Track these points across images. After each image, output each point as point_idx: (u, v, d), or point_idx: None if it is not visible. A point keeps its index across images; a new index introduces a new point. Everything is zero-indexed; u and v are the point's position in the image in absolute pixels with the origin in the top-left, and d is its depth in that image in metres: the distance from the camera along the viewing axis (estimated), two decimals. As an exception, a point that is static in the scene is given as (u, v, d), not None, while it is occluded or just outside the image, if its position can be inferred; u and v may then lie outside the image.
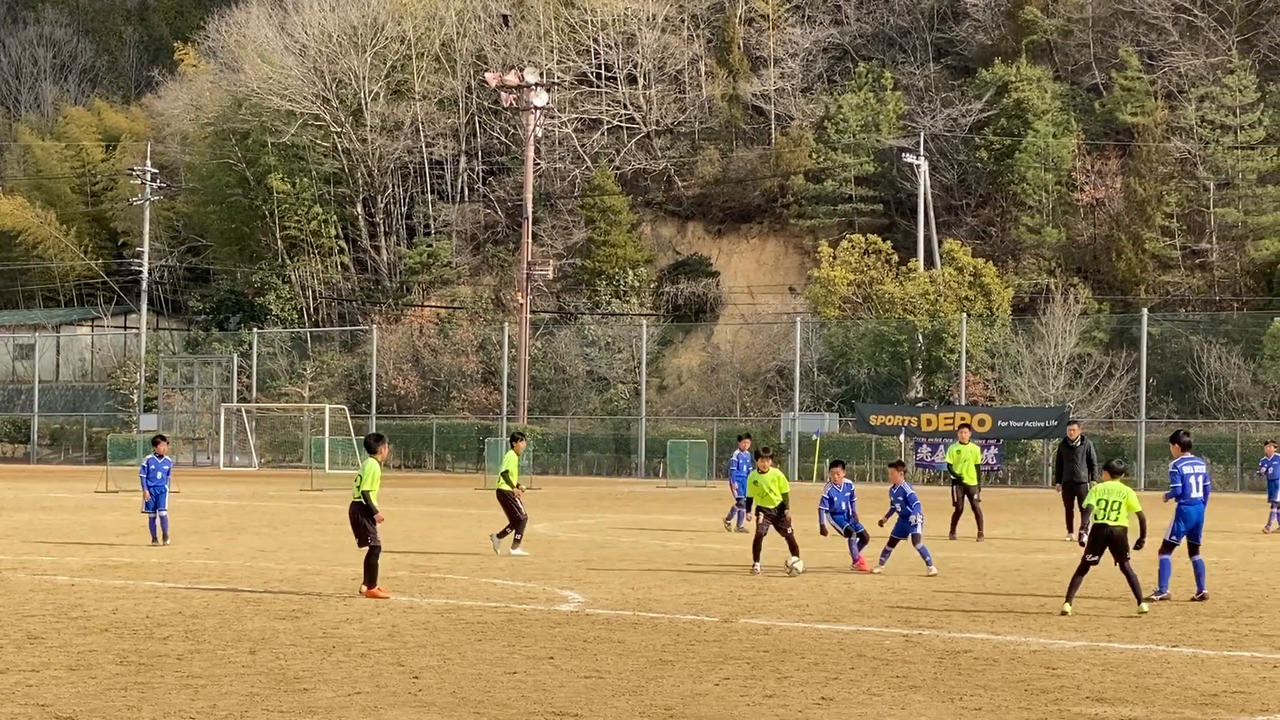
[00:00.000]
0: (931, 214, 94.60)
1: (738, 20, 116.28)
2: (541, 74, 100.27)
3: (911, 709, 13.94)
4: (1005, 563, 29.48)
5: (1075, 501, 35.43)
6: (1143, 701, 14.35)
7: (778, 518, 26.97)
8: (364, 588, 22.41)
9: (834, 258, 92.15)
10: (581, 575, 25.99)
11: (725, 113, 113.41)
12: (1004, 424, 76.46)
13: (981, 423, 76.10)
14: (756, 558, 27.02)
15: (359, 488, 22.53)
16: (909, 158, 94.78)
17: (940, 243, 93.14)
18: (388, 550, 24.71)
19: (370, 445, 23.03)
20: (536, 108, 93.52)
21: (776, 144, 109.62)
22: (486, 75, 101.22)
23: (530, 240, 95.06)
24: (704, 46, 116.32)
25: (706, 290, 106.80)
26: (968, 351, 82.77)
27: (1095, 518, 21.28)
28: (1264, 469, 41.79)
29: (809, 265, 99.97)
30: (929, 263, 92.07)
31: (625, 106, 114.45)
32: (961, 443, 37.87)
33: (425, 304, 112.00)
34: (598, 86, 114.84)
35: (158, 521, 32.71)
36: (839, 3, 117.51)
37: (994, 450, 76.61)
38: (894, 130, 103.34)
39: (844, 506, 28.53)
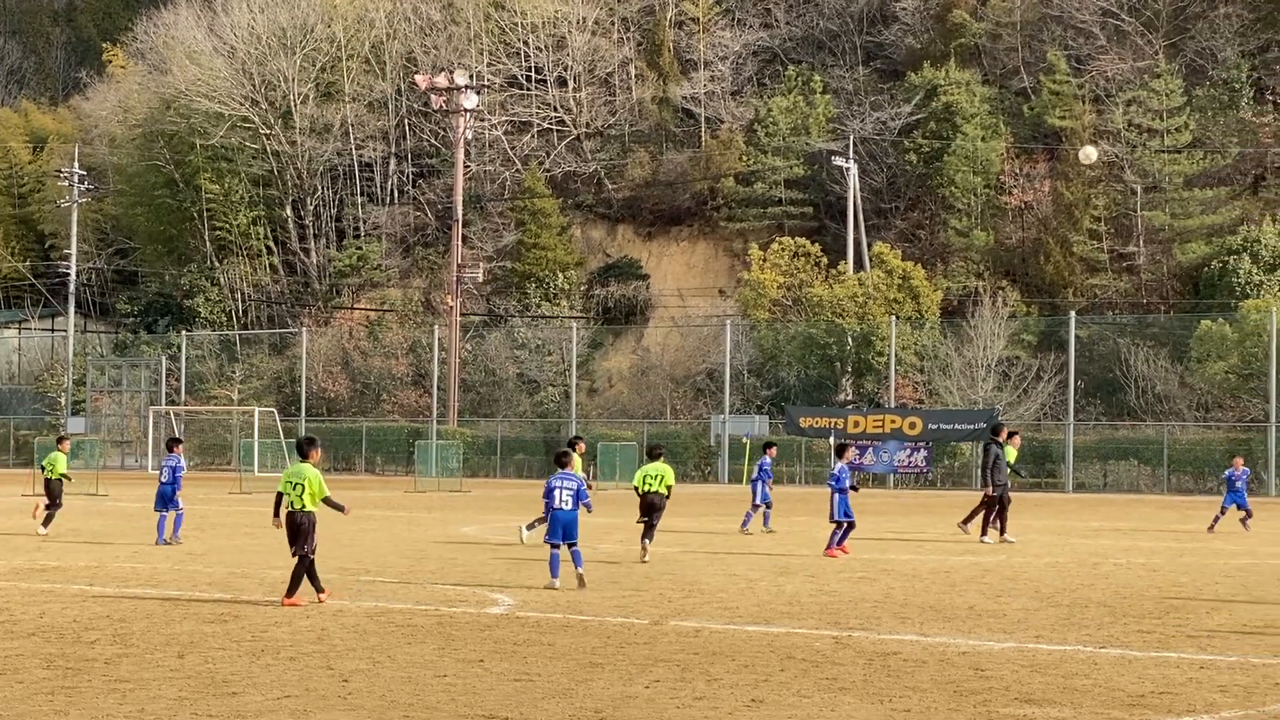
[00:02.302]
0: (861, 217, 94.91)
1: (668, 23, 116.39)
2: (471, 76, 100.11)
3: (841, 711, 13.96)
4: (934, 564, 29.60)
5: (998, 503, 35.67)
6: (1070, 703, 14.42)
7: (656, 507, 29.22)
8: (284, 598, 21.91)
9: (764, 260, 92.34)
10: (511, 578, 25.94)
11: (655, 115, 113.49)
12: (934, 426, 76.79)
13: (913, 425, 76.41)
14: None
15: (299, 493, 21.96)
16: (838, 161, 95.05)
17: (869, 245, 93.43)
18: (318, 554, 24.57)
19: (303, 449, 22.60)
20: (466, 110, 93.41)
21: (706, 147, 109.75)
22: (416, 78, 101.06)
23: (460, 243, 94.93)
24: (634, 49, 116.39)
25: (637, 293, 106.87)
26: (897, 354, 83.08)
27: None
28: (1232, 480, 41.77)
29: (739, 268, 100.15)
30: (858, 265, 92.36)
31: (555, 109, 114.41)
32: (1014, 447, 39.69)
33: (355, 307, 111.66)
34: (528, 89, 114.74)
35: (169, 521, 33.52)
36: (769, 6, 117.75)
37: (923, 453, 76.91)
38: (823, 133, 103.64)
39: (847, 486, 31.55)
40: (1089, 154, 57.33)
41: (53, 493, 36.90)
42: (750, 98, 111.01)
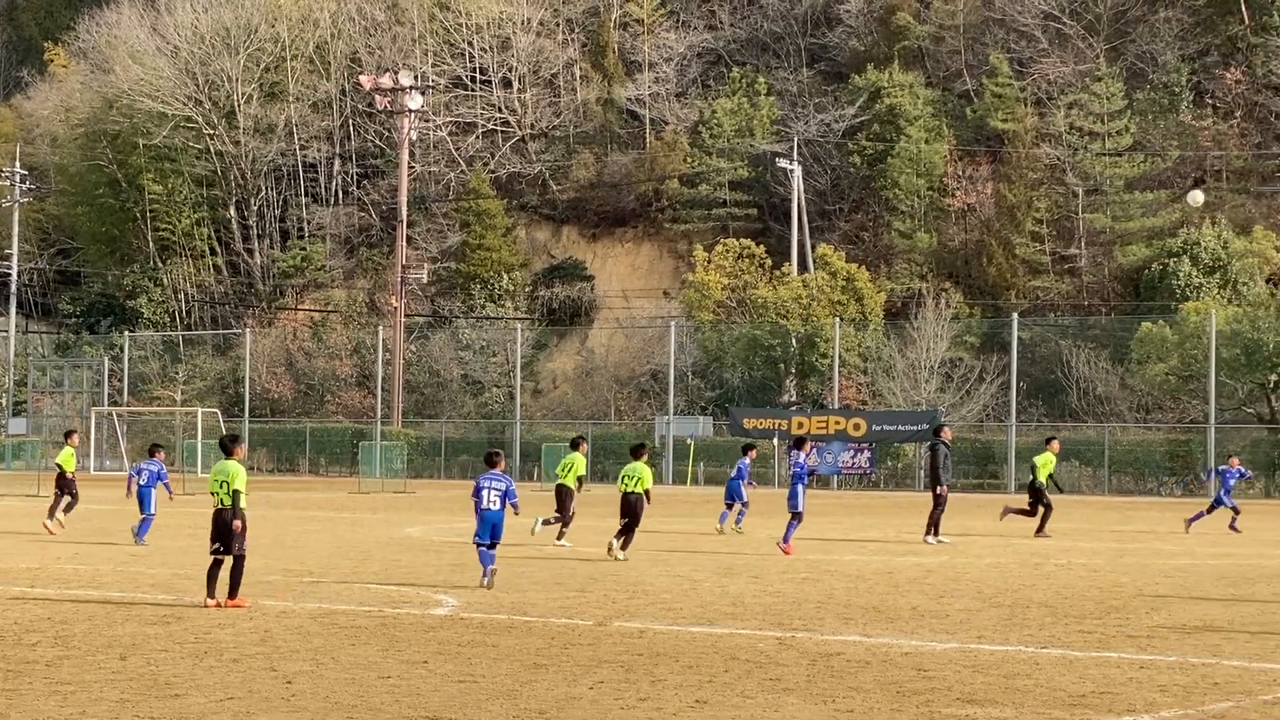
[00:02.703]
0: (805, 219, 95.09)
1: (612, 25, 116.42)
2: (416, 77, 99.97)
3: (785, 711, 14.01)
4: (878, 565, 29.70)
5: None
6: (1012, 703, 14.49)
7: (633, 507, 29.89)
8: (226, 599, 21.67)
9: (708, 262, 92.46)
10: (456, 579, 25.92)
11: (600, 117, 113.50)
12: (877, 428, 76.99)
13: (856, 426, 76.59)
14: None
15: (226, 491, 21.59)
16: (783, 162, 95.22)
17: (813, 247, 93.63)
18: (261, 556, 24.55)
19: (227, 447, 22.32)
20: (411, 111, 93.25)
21: (651, 148, 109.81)
22: (361, 78, 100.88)
23: (404, 244, 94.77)
24: (579, 51, 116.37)
25: (581, 294, 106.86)
26: (840, 355, 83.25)
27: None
28: (1226, 476, 42.03)
29: (683, 269, 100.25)
30: (802, 267, 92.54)
31: (500, 110, 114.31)
32: (1052, 452, 40.68)
33: (299, 307, 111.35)
34: (472, 90, 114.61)
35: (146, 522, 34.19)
36: (713, 8, 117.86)
37: (866, 454, 77.11)
38: (768, 135, 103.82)
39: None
40: (1197, 198, 57.05)
41: (65, 486, 37.83)
42: (695, 99, 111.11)
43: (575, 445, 34.50)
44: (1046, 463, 39.72)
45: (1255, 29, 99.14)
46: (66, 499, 37.51)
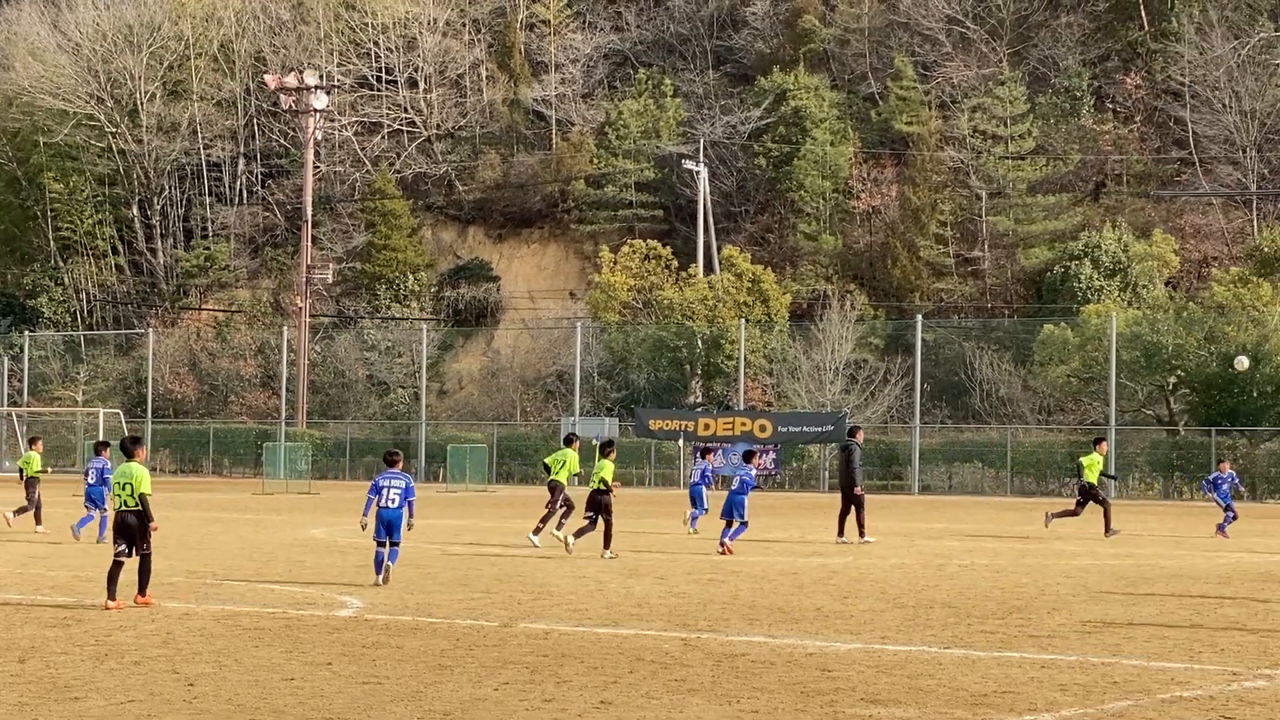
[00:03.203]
0: (711, 220, 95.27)
1: (519, 25, 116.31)
2: (321, 76, 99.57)
3: (689, 712, 14.05)
4: (783, 566, 29.80)
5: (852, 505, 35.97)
6: (915, 703, 14.58)
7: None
8: (136, 596, 21.83)
9: (614, 263, 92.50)
10: (360, 580, 25.84)
11: (506, 117, 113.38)
12: (783, 429, 77.20)
13: (762, 428, 76.76)
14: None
15: (130, 493, 21.65)
16: (689, 164, 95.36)
17: (719, 249, 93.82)
18: (165, 557, 24.41)
19: (128, 449, 22.39)
20: (316, 110, 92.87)
21: (557, 149, 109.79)
22: (266, 77, 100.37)
23: (309, 244, 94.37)
24: (485, 51, 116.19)
25: (487, 295, 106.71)
26: (746, 357, 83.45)
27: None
28: (1219, 483, 42.27)
29: (589, 270, 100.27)
30: (708, 268, 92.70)
31: (406, 110, 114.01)
32: (1100, 453, 41.13)
33: (203, 307, 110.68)
34: (378, 90, 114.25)
35: (94, 521, 34.41)
36: (619, 9, 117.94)
37: (772, 455, 77.32)
38: (674, 137, 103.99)
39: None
40: (1243, 363, 57.34)
41: (31, 489, 38.39)
42: (601, 100, 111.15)
43: (569, 442, 34.48)
44: (1093, 463, 40.14)
45: (1155, 35, 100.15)
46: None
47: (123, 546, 21.69)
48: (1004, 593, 25.04)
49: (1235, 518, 41.36)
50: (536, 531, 33.55)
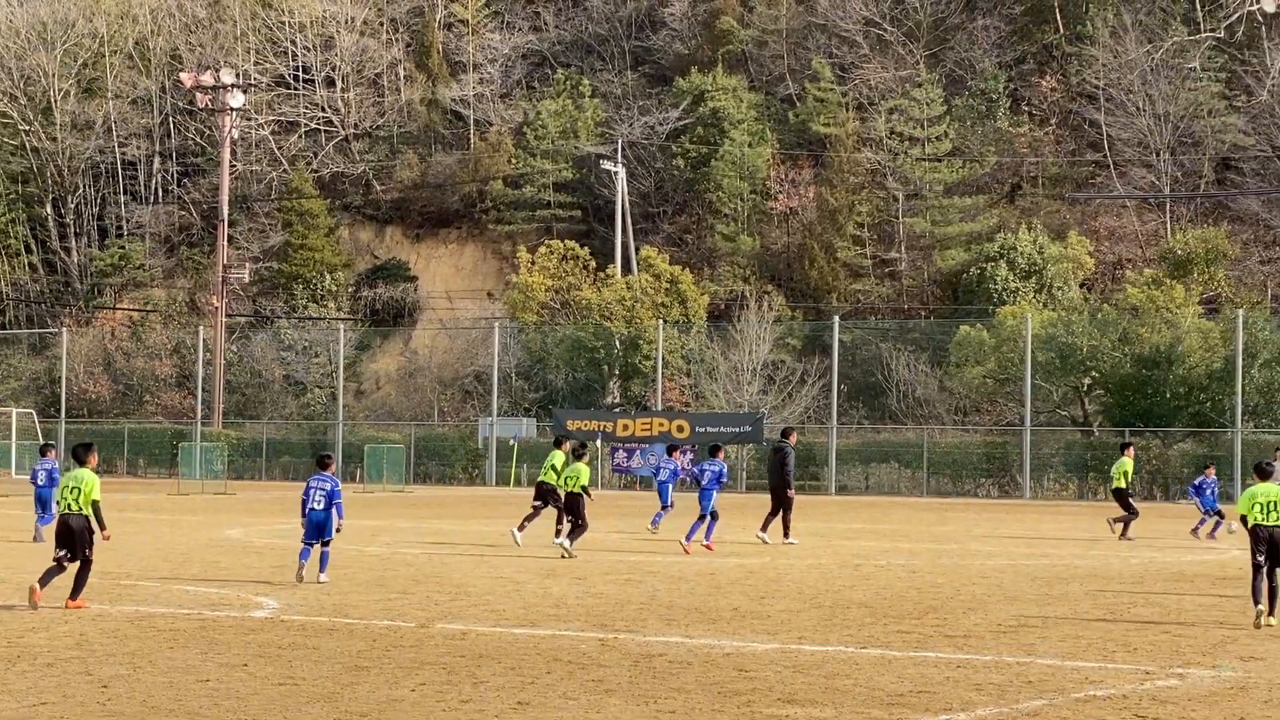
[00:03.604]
0: (629, 221, 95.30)
1: (437, 25, 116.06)
2: (238, 75, 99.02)
3: (607, 712, 14.06)
4: (700, 567, 29.84)
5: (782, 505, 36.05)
6: (832, 703, 14.64)
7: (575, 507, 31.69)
8: (68, 600, 21.61)
9: (532, 264, 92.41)
10: (277, 581, 25.74)
11: (424, 117, 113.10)
12: (701, 430, 77.23)
13: (680, 428, 76.80)
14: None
15: (77, 497, 21.77)
16: (607, 165, 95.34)
17: (638, 249, 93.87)
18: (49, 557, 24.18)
19: (80, 455, 22.57)
20: (232, 109, 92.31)
21: (475, 149, 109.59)
22: (181, 75, 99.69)
23: (226, 243, 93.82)
24: (403, 50, 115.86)
25: (405, 295, 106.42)
26: (664, 357, 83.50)
27: (1255, 519, 20.81)
28: (1203, 487, 42.20)
29: (507, 271, 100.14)
30: (626, 269, 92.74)
31: (323, 109, 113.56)
32: (1129, 458, 40.95)
33: (117, 307, 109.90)
34: (295, 89, 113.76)
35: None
36: (538, 9, 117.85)
37: (689, 456, 77.38)
38: (592, 137, 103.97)
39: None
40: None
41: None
42: (519, 100, 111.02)
43: (558, 444, 34.71)
44: (1124, 469, 40.15)
45: (1070, 38, 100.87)
46: None
47: (64, 551, 21.69)
48: (920, 593, 25.15)
49: (1222, 521, 40.97)
50: (521, 529, 33.89)
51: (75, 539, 21.70)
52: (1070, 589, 26.01)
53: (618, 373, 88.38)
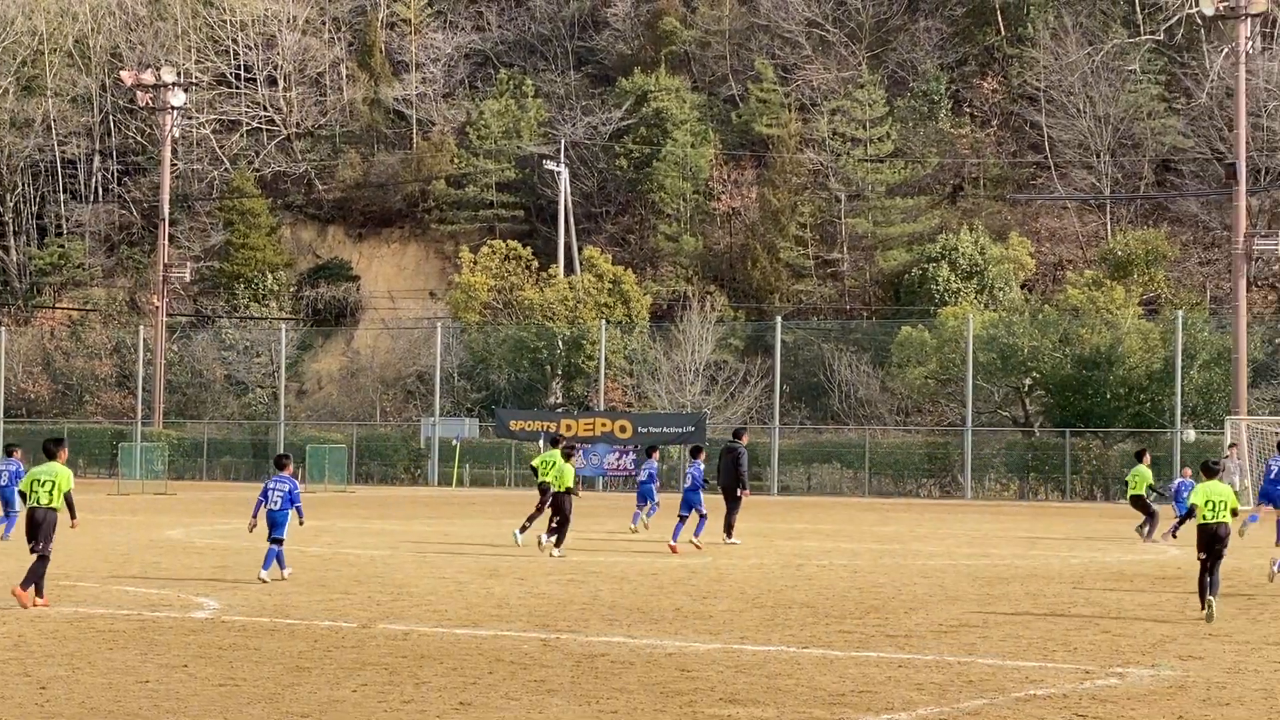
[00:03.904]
0: (572, 221, 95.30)
1: (379, 24, 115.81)
2: (179, 73, 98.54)
3: (549, 713, 14.05)
4: (642, 567, 29.85)
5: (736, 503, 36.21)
6: (774, 702, 14.66)
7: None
8: (32, 595, 21.69)
9: (475, 263, 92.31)
10: (218, 582, 25.65)
11: (367, 116, 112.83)
12: (643, 430, 77.25)
13: (623, 429, 76.83)
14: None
15: (48, 490, 22.10)
16: (550, 165, 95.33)
17: (580, 249, 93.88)
18: (16, 559, 24.10)
19: (51, 450, 22.91)
20: (173, 108, 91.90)
21: (418, 149, 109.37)
22: (122, 73, 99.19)
23: (166, 242, 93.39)
24: (345, 50, 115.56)
25: (347, 294, 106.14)
26: (606, 358, 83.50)
27: (1203, 517, 21.82)
28: (1181, 485, 42.37)
29: (450, 270, 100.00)
30: (569, 269, 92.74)
31: (265, 108, 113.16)
32: (1145, 464, 41.12)
33: (57, 306, 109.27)
34: (237, 87, 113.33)
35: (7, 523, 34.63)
36: (480, 9, 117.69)
37: (632, 456, 77.41)
38: (535, 137, 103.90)
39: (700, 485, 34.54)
40: None
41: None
42: (462, 100, 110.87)
43: (555, 443, 34.90)
44: (1140, 476, 40.24)
45: (1011, 40, 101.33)
46: None
47: (37, 542, 21.99)
48: (862, 593, 25.21)
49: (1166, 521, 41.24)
50: (523, 530, 33.84)
51: (40, 532, 21.94)
52: (1011, 589, 26.11)
53: (560, 373, 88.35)
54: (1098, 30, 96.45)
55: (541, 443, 77.39)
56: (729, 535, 35.87)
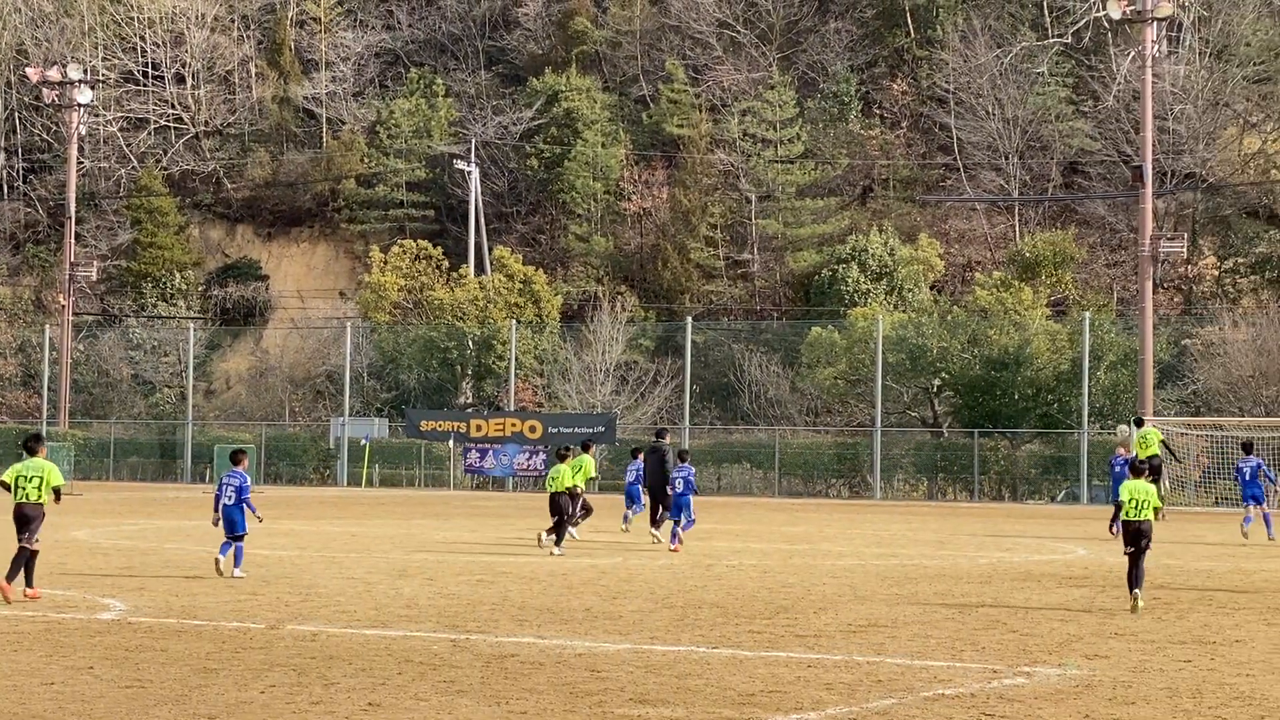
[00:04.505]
0: (482, 221, 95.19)
1: (289, 22, 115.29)
2: (86, 71, 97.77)
3: (458, 713, 14.01)
4: (552, 567, 29.82)
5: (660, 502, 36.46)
6: (683, 702, 14.67)
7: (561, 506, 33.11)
8: (21, 588, 22.63)
9: (385, 263, 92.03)
10: (124, 583, 25.45)
11: (276, 115, 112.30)
12: (553, 430, 77.23)
13: (533, 429, 76.76)
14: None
15: (37, 485, 22.98)
16: (460, 164, 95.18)
17: (491, 249, 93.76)
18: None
19: (32, 447, 23.74)
20: (80, 105, 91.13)
21: (328, 148, 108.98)
22: (28, 70, 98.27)
23: (73, 241, 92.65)
24: (254, 48, 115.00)
25: (256, 294, 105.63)
26: (517, 358, 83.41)
27: (1126, 514, 23.25)
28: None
29: (360, 270, 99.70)
30: (479, 269, 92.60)
31: (173, 106, 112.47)
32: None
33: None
34: (145, 85, 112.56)
35: None
36: (391, 8, 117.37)
37: (542, 456, 77.37)
38: (446, 136, 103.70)
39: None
40: (1124, 431, 56.33)
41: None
42: (372, 99, 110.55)
43: (586, 448, 36.48)
44: (1150, 437, 41.29)
45: (920, 42, 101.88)
46: None
47: (28, 534, 22.85)
48: (771, 593, 25.26)
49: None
50: (558, 540, 33.84)
51: (29, 525, 22.91)
52: (919, 589, 26.23)
53: (470, 373, 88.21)
54: (1006, 33, 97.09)
55: (451, 444, 77.59)
56: (656, 529, 36.24)
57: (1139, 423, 42.92)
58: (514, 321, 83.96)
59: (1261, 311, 76.04)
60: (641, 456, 41.64)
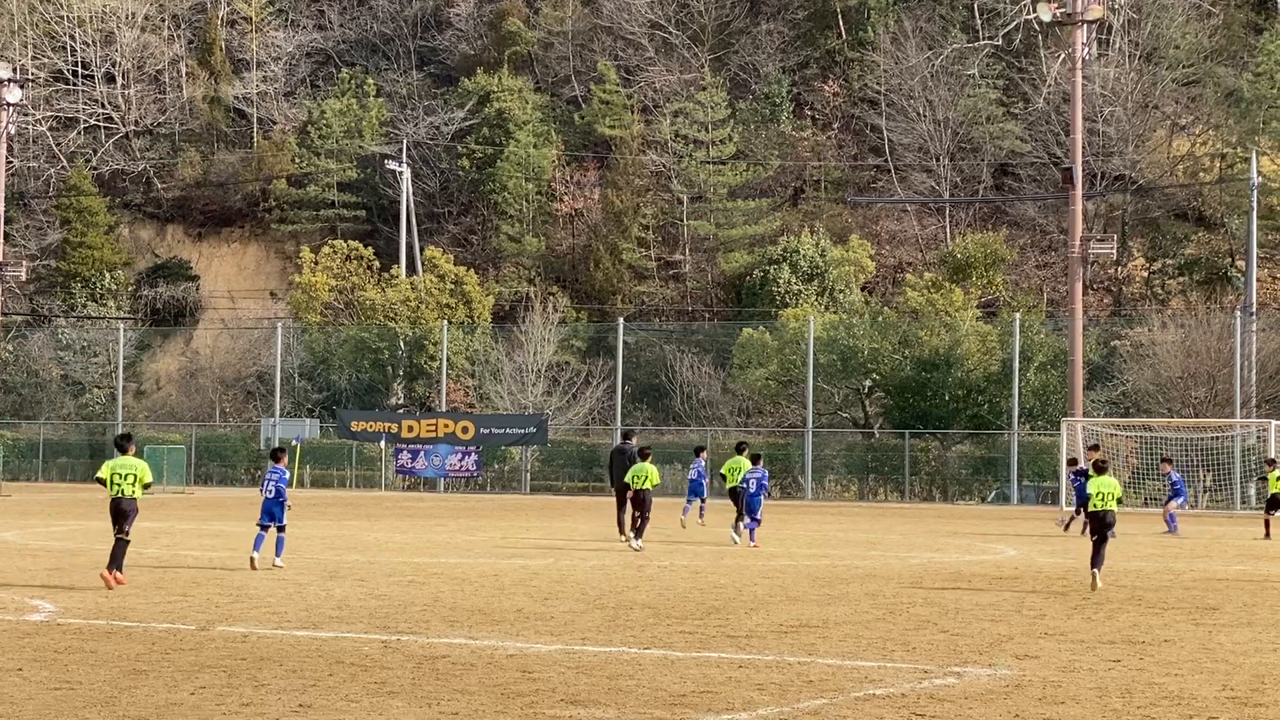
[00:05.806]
0: (414, 221, 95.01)
1: (220, 21, 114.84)
2: (14, 69, 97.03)
3: (389, 715, 14.00)
4: (484, 568, 29.81)
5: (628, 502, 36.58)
6: (615, 703, 14.69)
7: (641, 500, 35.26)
8: (109, 571, 24.46)
9: (315, 263, 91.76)
10: (53, 584, 25.31)
11: (207, 115, 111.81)
12: (485, 431, 77.21)
13: (465, 430, 76.67)
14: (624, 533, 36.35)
15: (131, 482, 24.68)
16: (391, 165, 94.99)
17: (422, 250, 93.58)
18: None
19: (123, 445, 25.31)
20: (9, 104, 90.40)
21: (259, 148, 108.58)
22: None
23: (2, 240, 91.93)
24: (185, 47, 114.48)
25: (186, 294, 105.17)
26: (449, 358, 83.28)
27: (1094, 505, 26.81)
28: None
29: (291, 270, 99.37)
30: (411, 270, 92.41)
31: (103, 105, 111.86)
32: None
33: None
34: (74, 84, 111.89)
35: None
36: (322, 8, 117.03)
37: (474, 457, 77.31)
38: (377, 137, 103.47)
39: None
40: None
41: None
42: (303, 99, 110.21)
43: (644, 455, 37.71)
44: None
45: (852, 44, 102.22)
46: None
47: (122, 526, 24.84)
48: (703, 594, 25.30)
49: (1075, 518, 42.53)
50: (638, 535, 35.41)
51: (126, 519, 24.79)
52: (850, 589, 26.32)
53: (402, 374, 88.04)
54: (937, 35, 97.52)
55: (383, 444, 77.34)
56: (626, 531, 36.69)
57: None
58: (445, 322, 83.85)
59: (1190, 313, 76.56)
60: (702, 455, 46.01)
